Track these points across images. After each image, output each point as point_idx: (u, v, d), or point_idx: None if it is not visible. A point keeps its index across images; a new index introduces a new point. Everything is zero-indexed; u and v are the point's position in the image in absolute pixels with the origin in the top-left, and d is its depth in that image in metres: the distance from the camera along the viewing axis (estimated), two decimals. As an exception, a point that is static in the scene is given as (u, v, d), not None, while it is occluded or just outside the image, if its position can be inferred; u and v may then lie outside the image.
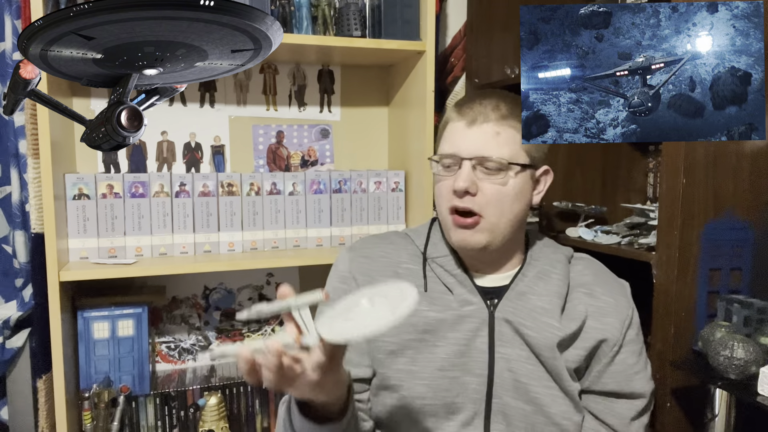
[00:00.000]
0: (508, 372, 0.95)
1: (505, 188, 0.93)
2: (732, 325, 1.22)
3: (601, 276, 1.04)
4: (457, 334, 0.95)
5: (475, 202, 0.93)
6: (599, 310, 0.98)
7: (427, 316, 0.96)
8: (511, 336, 0.95)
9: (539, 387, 0.95)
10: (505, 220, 0.94)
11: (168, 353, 1.80)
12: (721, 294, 1.29)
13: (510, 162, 0.92)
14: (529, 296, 0.97)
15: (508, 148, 0.93)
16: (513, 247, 1.01)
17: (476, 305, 0.97)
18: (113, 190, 1.56)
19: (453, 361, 0.95)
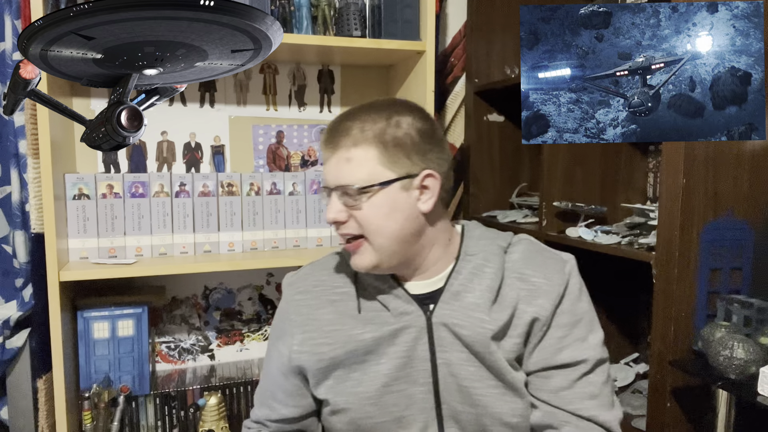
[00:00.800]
0: (450, 377, 0.94)
1: (372, 209, 0.91)
2: (732, 325, 1.22)
3: (534, 257, 1.00)
4: (398, 347, 0.95)
5: (350, 227, 0.93)
6: (530, 293, 0.95)
7: (364, 339, 0.95)
8: (450, 339, 0.94)
9: (482, 388, 0.94)
10: (386, 238, 0.92)
11: (168, 353, 1.80)
12: (721, 294, 1.29)
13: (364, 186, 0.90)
14: (464, 295, 0.95)
15: (363, 171, 0.90)
16: (434, 251, 0.98)
17: (413, 314, 0.96)
18: (113, 190, 1.56)
19: (397, 374, 0.95)
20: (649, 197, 1.77)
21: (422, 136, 0.93)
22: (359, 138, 0.91)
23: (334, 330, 0.97)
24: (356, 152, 0.91)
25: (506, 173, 2.15)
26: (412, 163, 0.92)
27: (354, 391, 0.96)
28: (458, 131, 2.17)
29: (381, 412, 0.95)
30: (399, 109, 0.94)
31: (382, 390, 0.95)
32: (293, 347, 1.00)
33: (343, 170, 0.92)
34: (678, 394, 1.30)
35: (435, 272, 0.99)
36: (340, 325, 0.97)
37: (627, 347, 1.84)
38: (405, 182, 0.92)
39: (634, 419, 1.53)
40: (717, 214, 1.27)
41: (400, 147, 0.91)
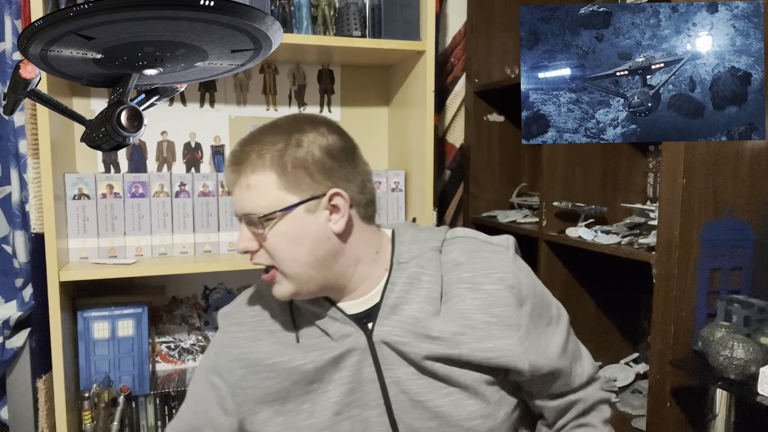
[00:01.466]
0: (402, 394, 0.90)
1: (278, 237, 0.86)
2: (732, 325, 1.22)
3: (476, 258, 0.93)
4: (343, 372, 0.91)
5: (261, 257, 0.89)
6: (485, 302, 0.90)
7: (305, 370, 0.91)
8: (394, 357, 0.90)
9: (437, 398, 0.90)
10: (298, 265, 0.87)
11: (168, 353, 1.80)
12: (721, 294, 1.29)
13: (266, 214, 0.85)
14: (402, 308, 0.90)
15: (263, 198, 0.86)
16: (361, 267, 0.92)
17: (353, 335, 0.91)
18: (113, 190, 1.56)
19: (347, 400, 0.91)
20: (649, 197, 1.77)
21: (326, 153, 0.87)
22: (257, 163, 0.86)
23: (275, 363, 0.92)
24: (255, 179, 0.86)
25: (506, 173, 2.15)
26: (316, 183, 0.86)
27: (307, 424, 0.91)
28: (458, 131, 2.17)
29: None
30: (301, 126, 0.88)
31: (335, 419, 0.91)
32: (233, 383, 0.94)
33: (244, 198, 0.87)
34: (678, 394, 1.30)
35: (368, 288, 0.93)
36: (280, 357, 0.92)
37: (627, 347, 1.84)
38: (310, 205, 0.86)
39: (634, 419, 1.53)
40: (717, 214, 1.27)
41: (301, 168, 0.85)
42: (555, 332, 0.95)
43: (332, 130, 0.91)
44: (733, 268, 1.30)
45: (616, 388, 1.68)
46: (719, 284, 1.29)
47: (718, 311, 1.28)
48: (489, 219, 2.03)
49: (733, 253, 1.30)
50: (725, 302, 1.26)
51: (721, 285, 1.29)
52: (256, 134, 0.89)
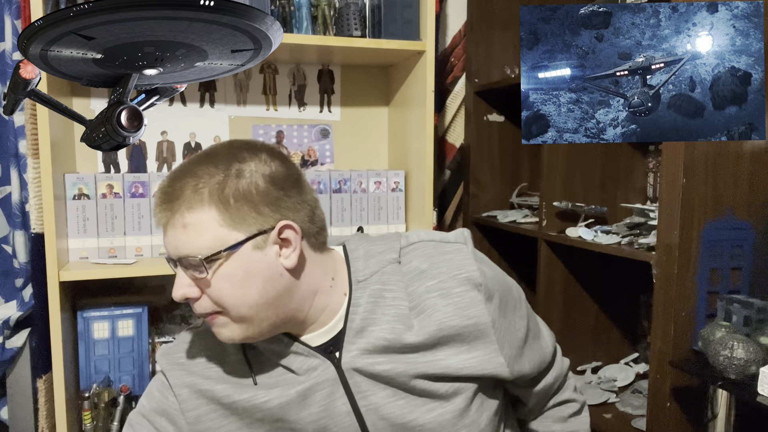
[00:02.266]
0: (381, 421, 0.84)
1: (223, 280, 0.77)
2: (732, 325, 1.22)
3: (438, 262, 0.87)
4: (312, 409, 0.83)
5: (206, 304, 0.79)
6: (457, 306, 0.84)
7: (271, 407, 0.83)
8: (368, 383, 0.84)
9: (420, 416, 0.85)
10: (248, 308, 0.78)
11: (168, 353, 1.80)
12: (721, 294, 1.29)
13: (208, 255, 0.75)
14: (369, 329, 0.84)
15: (204, 237, 0.76)
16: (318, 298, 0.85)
17: (320, 367, 0.84)
18: (113, 190, 1.56)
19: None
20: (649, 197, 1.77)
21: (271, 183, 0.78)
22: (193, 199, 0.76)
23: (234, 402, 0.84)
24: (192, 217, 0.76)
25: (506, 173, 2.15)
26: (263, 216, 0.77)
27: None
28: (458, 131, 2.17)
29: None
30: (239, 154, 0.79)
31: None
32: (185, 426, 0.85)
33: (180, 239, 0.77)
34: (678, 394, 1.30)
35: (329, 316, 0.85)
36: (239, 396, 0.84)
37: (627, 347, 1.84)
38: (258, 240, 0.77)
39: (634, 419, 1.53)
40: (717, 214, 1.27)
41: (244, 201, 0.76)
42: (520, 316, 0.91)
43: (274, 157, 0.81)
44: (733, 268, 1.30)
45: (616, 388, 1.68)
46: (719, 284, 1.29)
47: (718, 311, 1.28)
48: (489, 219, 2.03)
49: (733, 253, 1.30)
50: (725, 302, 1.26)
51: (721, 285, 1.29)
52: (188, 166, 0.79)
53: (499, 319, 0.86)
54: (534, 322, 0.96)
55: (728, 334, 1.16)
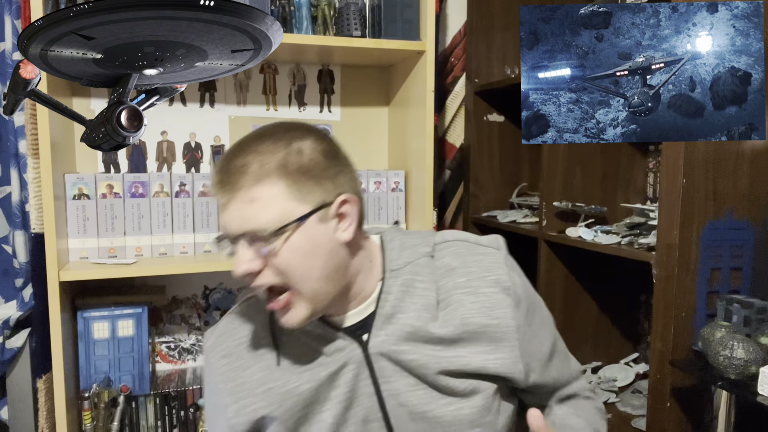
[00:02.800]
0: (401, 407, 0.87)
1: (292, 252, 0.79)
2: (732, 325, 1.22)
3: (470, 261, 0.91)
4: (339, 390, 0.87)
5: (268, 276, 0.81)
6: (483, 305, 0.88)
7: (301, 392, 0.87)
8: (392, 368, 0.87)
9: (437, 409, 0.87)
10: (315, 281, 0.81)
11: (168, 353, 1.80)
12: (721, 294, 1.29)
13: (278, 228, 0.78)
14: (398, 316, 0.87)
15: (271, 211, 0.79)
16: (360, 278, 0.88)
17: (347, 349, 0.87)
18: (113, 190, 1.56)
19: (344, 418, 0.87)
20: (649, 197, 1.77)
21: (328, 158, 0.82)
22: (260, 173, 0.78)
23: (266, 390, 0.88)
24: (260, 190, 0.78)
25: (506, 173, 2.15)
26: (324, 190, 0.81)
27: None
28: (458, 131, 2.17)
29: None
30: (295, 133, 0.82)
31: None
32: (231, 420, 0.90)
33: (247, 214, 0.79)
34: (678, 394, 1.30)
35: (362, 299, 0.89)
36: (272, 383, 0.88)
37: (627, 347, 1.84)
38: (321, 213, 0.81)
39: (634, 419, 1.53)
40: (717, 214, 1.27)
41: (308, 175, 0.80)
42: (548, 332, 0.95)
43: (324, 136, 0.86)
44: (733, 268, 1.30)
45: (616, 388, 1.68)
46: (719, 284, 1.29)
47: (718, 311, 1.28)
48: (489, 219, 2.03)
49: (733, 253, 1.30)
50: (725, 302, 1.26)
51: (721, 285, 1.29)
52: (248, 144, 0.81)
53: (524, 326, 0.89)
54: (562, 344, 0.98)
55: (728, 334, 1.16)
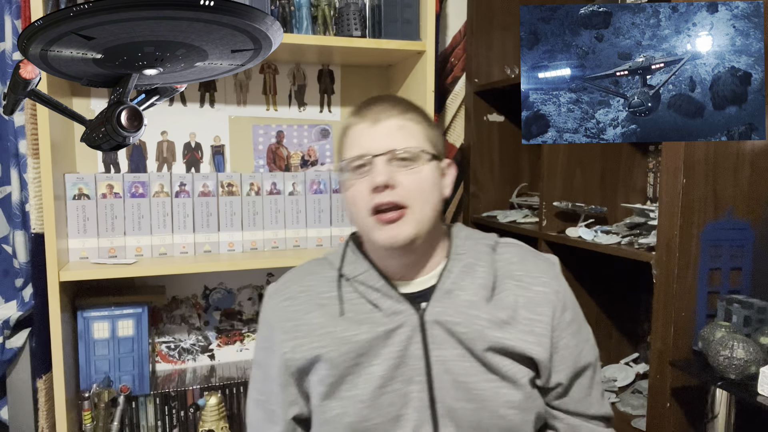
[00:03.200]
0: (446, 374, 0.94)
1: (421, 175, 0.94)
2: (732, 325, 1.22)
3: (528, 262, 1.02)
4: (391, 348, 0.94)
5: (397, 194, 0.92)
6: (531, 301, 0.97)
7: (357, 341, 0.94)
8: (444, 337, 0.94)
9: (479, 382, 0.94)
10: (428, 208, 0.94)
11: (168, 353, 1.80)
12: (721, 294, 1.29)
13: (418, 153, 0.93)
14: (456, 293, 0.96)
15: (414, 140, 0.94)
16: (433, 244, 1.00)
17: (405, 313, 0.95)
18: (113, 190, 1.56)
19: (391, 374, 0.94)
20: (649, 197, 1.77)
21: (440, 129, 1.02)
22: (407, 109, 0.97)
23: (325, 333, 0.96)
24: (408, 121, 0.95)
25: (506, 173, 2.15)
26: (442, 147, 0.99)
27: (348, 395, 0.94)
28: (458, 131, 2.17)
29: (377, 414, 0.94)
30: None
31: (377, 392, 0.93)
32: (286, 355, 0.97)
33: (396, 137, 0.94)
34: (678, 394, 1.30)
35: (428, 270, 1.00)
36: (332, 327, 0.96)
37: (627, 347, 1.84)
38: (439, 164, 0.97)
39: (634, 419, 1.53)
40: (717, 214, 1.27)
41: (436, 130, 0.99)
42: (585, 349, 1.01)
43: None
44: (733, 268, 1.30)
45: (616, 388, 1.68)
46: (719, 284, 1.29)
47: (718, 311, 1.28)
48: (489, 219, 2.03)
49: (733, 253, 1.30)
50: (725, 302, 1.26)
51: (721, 285, 1.29)
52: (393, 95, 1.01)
53: (562, 328, 0.98)
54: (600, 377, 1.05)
55: (728, 335, 1.16)
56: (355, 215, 0.98)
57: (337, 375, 0.95)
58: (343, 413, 0.95)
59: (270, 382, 1.02)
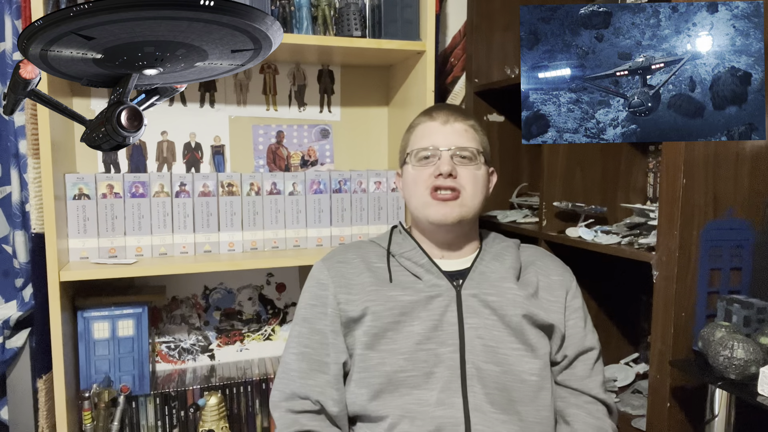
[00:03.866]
0: (477, 339, 1.08)
1: (477, 173, 1.14)
2: (732, 325, 1.22)
3: (546, 257, 1.24)
4: (430, 312, 1.09)
5: (455, 182, 1.12)
6: (549, 285, 1.17)
7: (402, 300, 1.10)
8: (478, 307, 1.10)
9: (506, 349, 1.09)
10: (477, 199, 1.14)
11: (168, 353, 1.80)
12: (721, 294, 1.29)
13: (478, 153, 1.15)
14: (488, 274, 1.14)
15: (475, 142, 1.16)
16: (472, 234, 1.20)
17: (444, 286, 1.12)
18: (113, 190, 1.56)
19: (428, 335, 1.08)
20: (649, 197, 1.77)
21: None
22: (472, 117, 1.19)
23: (374, 290, 1.11)
24: (472, 127, 1.17)
25: (506, 173, 2.15)
26: (490, 156, 1.21)
27: (388, 348, 1.08)
28: (458, 131, 2.17)
29: (412, 367, 1.07)
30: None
31: (415, 347, 1.07)
32: (341, 305, 1.12)
33: (463, 137, 1.14)
34: (678, 394, 1.30)
35: (464, 254, 1.19)
36: (379, 287, 1.11)
37: (627, 347, 1.84)
38: (487, 167, 1.19)
39: (634, 419, 1.53)
40: (717, 214, 1.27)
41: (487, 140, 1.21)
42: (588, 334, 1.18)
43: None
44: (733, 268, 1.30)
45: (616, 388, 1.68)
46: (719, 284, 1.29)
47: (718, 311, 1.28)
48: (489, 219, 2.03)
49: (733, 253, 1.30)
50: (725, 302, 1.26)
51: (721, 285, 1.29)
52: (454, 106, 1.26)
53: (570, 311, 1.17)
54: (601, 365, 1.20)
55: (728, 335, 1.16)
56: (413, 194, 1.16)
57: (380, 327, 1.09)
58: (382, 362, 1.08)
59: (318, 335, 1.14)
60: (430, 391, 1.06)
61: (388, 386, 1.07)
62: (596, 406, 1.14)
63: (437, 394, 1.06)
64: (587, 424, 1.11)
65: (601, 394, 1.15)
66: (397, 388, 1.07)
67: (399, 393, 1.07)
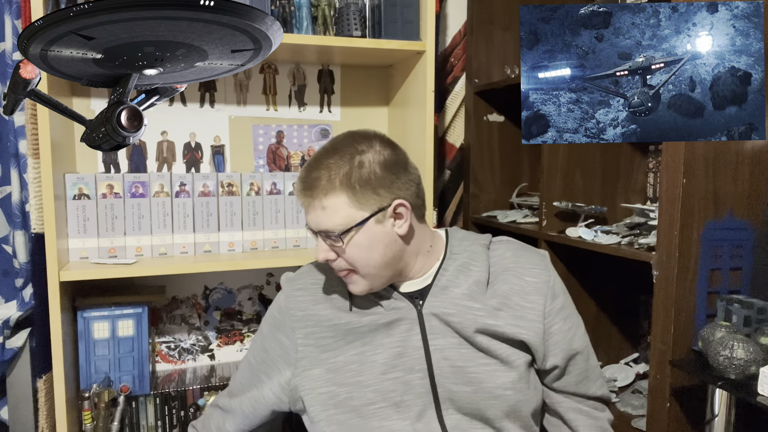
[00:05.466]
0: (444, 361, 1.02)
1: (355, 248, 1.00)
2: (732, 325, 1.22)
3: (520, 255, 1.11)
4: (392, 338, 1.04)
5: (342, 263, 1.03)
6: (523, 289, 1.06)
7: (362, 330, 1.05)
8: (441, 327, 1.04)
9: (476, 366, 1.02)
10: (374, 266, 1.02)
11: (168, 353, 1.80)
12: (721, 294, 1.29)
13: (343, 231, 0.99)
14: (451, 289, 1.06)
15: (338, 217, 0.99)
16: (419, 259, 1.08)
17: (404, 309, 1.06)
18: (113, 190, 1.56)
19: (393, 363, 1.03)
20: (649, 197, 1.77)
21: (385, 169, 1.00)
22: (328, 187, 0.99)
23: (332, 324, 1.06)
24: (328, 201, 0.99)
25: (506, 173, 2.15)
26: (381, 197, 1.00)
27: (354, 381, 1.03)
28: (458, 131, 2.17)
29: (381, 398, 1.02)
30: (359, 146, 1.01)
31: (380, 377, 1.02)
32: (298, 340, 1.08)
33: (320, 218, 1.01)
34: (678, 394, 1.30)
35: (422, 273, 1.09)
36: (337, 320, 1.06)
37: (627, 347, 1.84)
38: (378, 216, 1.00)
39: (634, 419, 1.53)
40: (717, 214, 1.27)
41: (367, 186, 0.99)
42: (577, 333, 1.10)
43: (385, 145, 1.03)
44: (733, 268, 1.30)
45: (616, 388, 1.68)
46: (719, 284, 1.29)
47: (718, 311, 1.28)
48: (489, 219, 2.03)
49: (733, 253, 1.30)
50: (725, 302, 1.26)
51: (721, 285, 1.29)
52: (320, 159, 1.01)
53: (553, 314, 1.06)
54: (594, 360, 1.13)
55: (728, 334, 1.16)
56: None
57: (342, 362, 1.05)
58: (350, 397, 1.03)
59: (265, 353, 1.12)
60: (404, 420, 1.01)
61: (359, 421, 1.02)
62: (596, 404, 1.13)
63: (412, 423, 1.01)
64: (590, 426, 1.11)
65: (599, 392, 1.12)
66: (369, 422, 1.02)
67: (371, 427, 1.02)
